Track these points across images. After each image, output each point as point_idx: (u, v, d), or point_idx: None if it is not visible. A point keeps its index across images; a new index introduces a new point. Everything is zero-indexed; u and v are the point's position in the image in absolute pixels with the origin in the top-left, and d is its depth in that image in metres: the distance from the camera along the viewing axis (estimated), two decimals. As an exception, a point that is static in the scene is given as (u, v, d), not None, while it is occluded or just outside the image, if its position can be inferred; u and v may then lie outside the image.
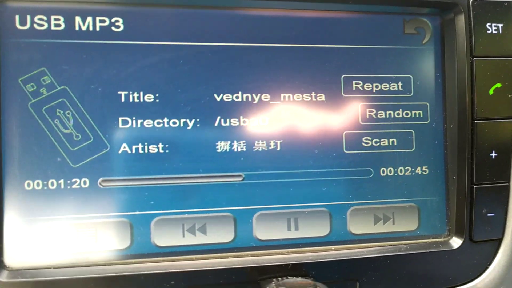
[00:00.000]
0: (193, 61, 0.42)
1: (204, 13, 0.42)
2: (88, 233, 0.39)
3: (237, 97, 0.42)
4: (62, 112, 0.39)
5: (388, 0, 0.44)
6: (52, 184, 0.39)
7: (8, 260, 0.38)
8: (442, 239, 0.45)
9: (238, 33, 0.43)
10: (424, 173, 0.46)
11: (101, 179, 0.40)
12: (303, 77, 0.44)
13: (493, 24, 0.45)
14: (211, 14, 0.42)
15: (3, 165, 0.38)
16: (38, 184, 0.39)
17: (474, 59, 0.44)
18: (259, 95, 0.43)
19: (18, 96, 0.39)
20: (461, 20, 0.45)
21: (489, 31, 0.45)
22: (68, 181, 0.39)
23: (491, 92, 0.44)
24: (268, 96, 0.43)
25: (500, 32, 0.45)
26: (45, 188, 0.39)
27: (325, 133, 0.44)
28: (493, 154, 0.44)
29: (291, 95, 0.43)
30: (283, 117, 0.43)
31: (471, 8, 0.45)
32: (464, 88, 0.44)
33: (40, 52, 0.39)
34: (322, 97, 0.44)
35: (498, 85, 0.44)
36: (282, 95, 0.43)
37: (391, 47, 0.46)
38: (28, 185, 0.39)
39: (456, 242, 0.44)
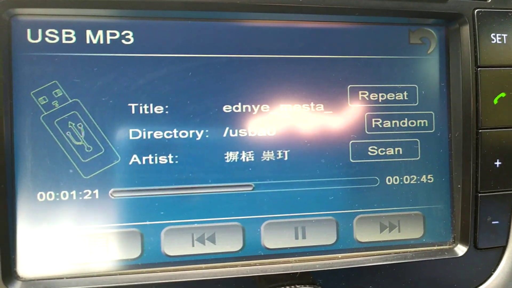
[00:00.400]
0: (201, 73, 0.42)
1: (212, 25, 0.43)
2: (100, 243, 0.40)
3: (245, 108, 0.43)
4: (73, 124, 0.40)
5: (394, 11, 0.44)
6: (64, 195, 0.40)
7: (21, 271, 0.39)
8: (447, 247, 0.46)
9: (246, 45, 0.43)
10: (429, 181, 0.46)
11: (112, 190, 0.41)
12: (310, 88, 0.44)
13: (497, 34, 0.46)
14: (219, 27, 0.43)
15: (16, 177, 0.39)
16: (50, 196, 0.39)
17: (478, 69, 0.45)
18: (267, 106, 0.43)
19: (31, 109, 0.39)
20: (466, 30, 0.45)
21: (494, 41, 0.45)
22: (80, 192, 0.40)
23: (495, 101, 0.45)
24: (276, 106, 0.44)
25: (505, 42, 0.46)
26: (57, 199, 0.40)
27: (331, 143, 0.44)
28: (498, 163, 0.45)
29: (298, 105, 0.44)
30: (291, 127, 0.44)
31: (475, 19, 0.45)
32: (469, 97, 0.45)
33: (51, 65, 0.40)
34: (328, 107, 0.45)
35: (503, 94, 0.45)
36: (289, 105, 0.44)
37: (396, 57, 0.46)
38: (41, 196, 0.39)
39: (461, 250, 0.45)
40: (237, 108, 0.43)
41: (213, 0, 0.41)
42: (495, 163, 0.45)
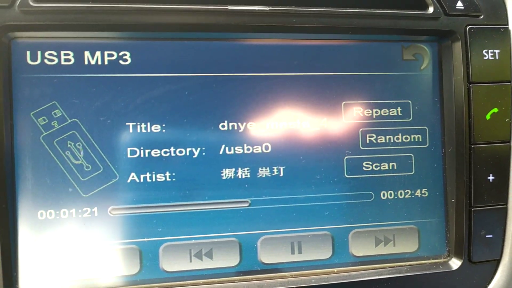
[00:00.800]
0: (197, 91, 0.43)
1: (207, 45, 0.43)
2: (99, 260, 0.41)
3: (241, 126, 0.44)
4: (73, 144, 0.41)
5: (387, 29, 0.45)
6: (64, 213, 0.41)
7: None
8: (441, 260, 0.46)
9: (241, 64, 0.44)
10: (423, 195, 0.47)
11: (110, 207, 0.41)
12: (305, 105, 0.45)
13: (489, 50, 0.46)
14: (214, 46, 0.44)
15: (17, 196, 0.40)
16: (50, 214, 0.40)
17: (471, 85, 0.45)
18: (262, 123, 0.44)
19: (31, 129, 0.40)
20: (458, 47, 0.46)
21: (486, 57, 0.46)
22: (79, 210, 0.41)
23: (488, 117, 0.46)
24: (271, 124, 0.44)
25: (497, 57, 0.46)
26: (57, 217, 0.40)
27: (326, 159, 0.45)
28: (491, 177, 0.45)
29: (293, 122, 0.45)
30: (286, 144, 0.45)
31: (468, 35, 0.46)
32: (461, 113, 0.45)
33: (51, 86, 0.41)
34: (323, 123, 0.45)
35: (495, 110, 0.46)
36: (284, 122, 0.45)
37: (390, 73, 0.47)
38: (41, 215, 0.40)
39: (455, 263, 0.46)
40: (232, 126, 0.44)
41: (208, 21, 0.42)
42: (488, 177, 0.45)
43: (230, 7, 0.42)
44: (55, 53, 0.41)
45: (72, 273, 0.41)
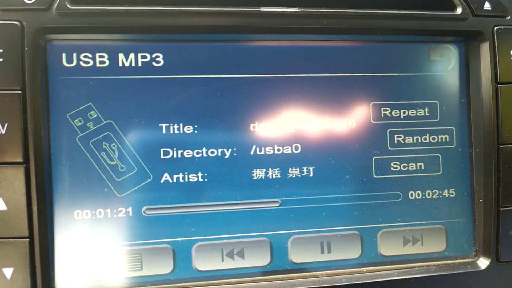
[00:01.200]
0: (229, 92, 0.44)
1: (238, 46, 0.44)
2: (134, 259, 0.42)
3: (271, 126, 0.44)
4: (108, 145, 0.42)
5: (415, 30, 0.45)
6: (100, 213, 0.41)
7: (60, 287, 0.40)
8: (469, 260, 0.47)
9: (271, 65, 0.44)
10: (451, 195, 0.47)
11: (145, 207, 0.42)
12: (334, 105, 0.46)
13: (516, 51, 0.46)
14: (244, 48, 0.44)
15: (53, 196, 0.40)
16: (86, 214, 0.41)
17: (499, 85, 0.46)
18: (292, 123, 0.45)
19: (67, 130, 0.41)
20: (485, 47, 0.46)
21: (513, 58, 0.46)
22: (114, 210, 0.42)
23: (516, 117, 0.46)
24: (301, 124, 0.45)
25: (524, 58, 0.47)
26: (93, 217, 0.41)
27: (355, 159, 0.46)
28: (519, 177, 0.46)
29: (322, 123, 0.45)
30: (315, 145, 0.45)
31: (495, 36, 0.46)
32: (489, 113, 0.46)
33: (86, 88, 0.41)
34: (352, 124, 0.46)
35: (523, 110, 0.46)
36: (314, 123, 0.45)
37: (417, 74, 0.47)
38: (78, 214, 0.41)
39: (483, 263, 0.46)
40: (263, 127, 0.44)
41: (240, 24, 0.42)
42: (517, 177, 0.46)
43: (263, 9, 0.42)
44: (90, 55, 0.42)
45: (106, 272, 0.41)
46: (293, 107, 0.45)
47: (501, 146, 0.45)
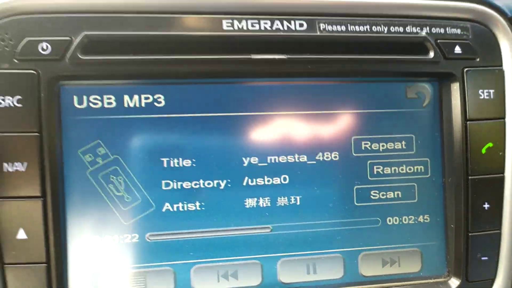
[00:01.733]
0: (223, 129, 0.48)
1: (231, 87, 0.48)
2: (139, 281, 0.47)
3: (261, 160, 0.49)
4: (115, 177, 0.46)
5: (392, 73, 0.50)
6: (108, 239, 0.46)
7: (72, 305, 0.45)
8: (442, 279, 0.51)
9: (261, 103, 0.49)
10: (425, 221, 0.52)
11: (148, 233, 0.47)
12: (319, 140, 0.50)
13: (485, 90, 0.51)
14: (237, 88, 0.49)
15: (67, 225, 0.45)
16: (96, 240, 0.46)
17: (468, 122, 0.51)
18: (280, 157, 0.49)
19: (78, 165, 0.46)
20: (456, 87, 0.51)
21: (482, 97, 0.51)
22: (121, 236, 0.46)
23: (483, 151, 0.51)
24: (288, 158, 0.50)
25: (492, 96, 0.51)
26: (102, 243, 0.46)
27: (338, 188, 0.50)
28: (486, 206, 0.50)
29: (308, 156, 0.50)
30: (302, 176, 0.50)
31: (465, 77, 0.51)
32: (460, 147, 0.51)
33: (95, 126, 0.46)
34: (335, 156, 0.51)
35: (490, 144, 0.51)
36: (300, 156, 0.50)
37: (395, 110, 0.52)
38: (89, 241, 0.46)
39: (454, 283, 0.51)
40: (254, 160, 0.49)
41: (233, 69, 0.47)
42: (484, 205, 0.50)
43: (253, 56, 0.47)
44: (99, 97, 0.46)
45: (114, 292, 0.46)
46: (282, 142, 0.50)
47: (469, 177, 0.50)
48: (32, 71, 0.43)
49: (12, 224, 0.42)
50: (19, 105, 0.43)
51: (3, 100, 0.42)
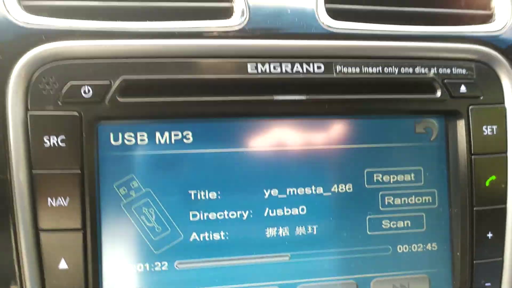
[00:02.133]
0: (246, 164, 0.52)
1: (254, 124, 0.52)
2: (168, 306, 0.50)
3: (281, 191, 0.53)
4: (146, 209, 0.50)
5: (402, 110, 0.54)
6: (140, 267, 0.50)
7: (107, 328, 0.49)
8: (449, 304, 0.55)
9: (282, 139, 0.53)
10: (433, 249, 0.56)
11: (177, 262, 0.51)
12: (334, 173, 0.54)
13: (488, 126, 0.55)
14: (260, 125, 0.53)
15: (103, 255, 0.49)
16: (130, 269, 0.49)
17: (472, 156, 0.54)
18: (299, 189, 0.53)
19: (114, 198, 0.49)
20: (462, 124, 0.55)
21: (485, 133, 0.55)
22: (152, 265, 0.50)
23: (487, 183, 0.54)
24: (306, 190, 0.53)
25: (494, 132, 0.55)
26: (135, 271, 0.50)
27: (352, 218, 0.54)
28: (490, 235, 0.54)
29: (325, 188, 0.54)
30: (318, 207, 0.53)
31: (470, 114, 0.55)
32: (465, 179, 0.54)
33: (129, 162, 0.50)
34: (349, 188, 0.54)
35: (493, 177, 0.55)
36: (318, 188, 0.54)
37: (404, 144, 0.56)
38: (123, 269, 0.49)
39: (460, 308, 0.55)
40: (275, 193, 0.53)
41: (256, 110, 0.51)
42: (488, 235, 0.54)
43: (275, 97, 0.51)
44: (132, 135, 0.50)
45: (145, 316, 0.50)
46: (300, 175, 0.53)
47: (474, 208, 0.54)
48: (75, 113, 0.47)
49: (54, 255, 0.46)
50: (63, 145, 0.46)
51: (48, 140, 0.46)
